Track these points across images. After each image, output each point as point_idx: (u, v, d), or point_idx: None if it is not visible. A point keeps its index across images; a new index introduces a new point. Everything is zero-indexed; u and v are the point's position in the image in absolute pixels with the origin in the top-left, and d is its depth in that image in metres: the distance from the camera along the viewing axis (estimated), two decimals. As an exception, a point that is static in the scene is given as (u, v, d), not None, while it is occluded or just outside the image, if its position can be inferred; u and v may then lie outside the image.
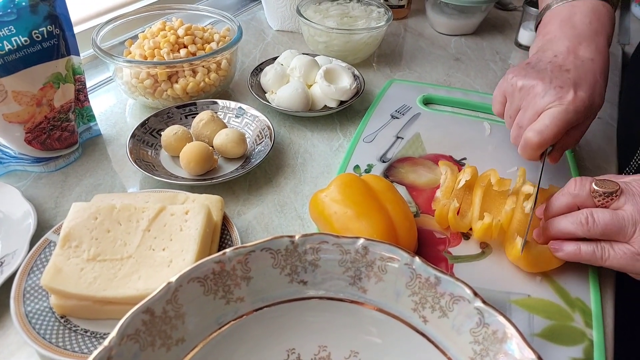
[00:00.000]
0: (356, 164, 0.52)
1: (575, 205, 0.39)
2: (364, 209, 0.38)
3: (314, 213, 0.41)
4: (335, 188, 0.40)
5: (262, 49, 0.79)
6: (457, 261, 0.42)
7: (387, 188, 0.41)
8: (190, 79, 0.58)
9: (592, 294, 0.40)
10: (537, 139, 0.43)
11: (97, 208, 0.38)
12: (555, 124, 0.42)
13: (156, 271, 0.35)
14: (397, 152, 0.54)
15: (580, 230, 0.37)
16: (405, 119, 0.60)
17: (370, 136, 0.56)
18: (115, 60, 0.55)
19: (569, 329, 0.37)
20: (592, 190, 0.37)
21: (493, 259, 0.42)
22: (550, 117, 0.43)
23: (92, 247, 0.36)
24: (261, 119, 0.55)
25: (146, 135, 0.53)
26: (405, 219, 0.39)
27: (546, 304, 0.39)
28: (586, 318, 0.38)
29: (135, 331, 0.28)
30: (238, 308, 0.32)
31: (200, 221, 0.37)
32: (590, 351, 0.36)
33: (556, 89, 0.43)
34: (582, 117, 0.44)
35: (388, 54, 0.78)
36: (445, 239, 0.44)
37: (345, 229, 0.38)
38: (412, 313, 0.32)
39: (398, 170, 0.52)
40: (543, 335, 0.37)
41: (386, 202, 0.40)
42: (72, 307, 0.35)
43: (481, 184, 0.45)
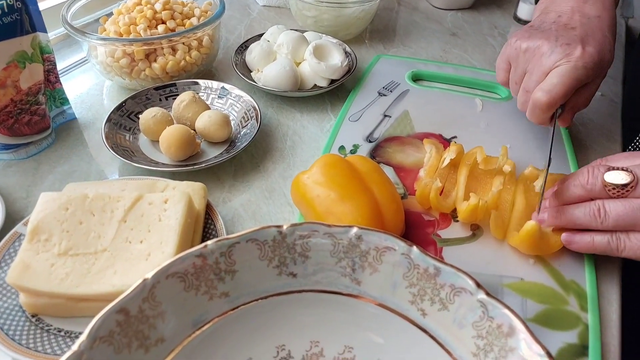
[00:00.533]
0: (341, 145, 0.50)
1: (588, 197, 0.37)
2: (348, 192, 0.36)
3: (295, 197, 0.39)
4: (317, 170, 0.38)
5: (247, 25, 0.75)
6: (447, 244, 0.40)
7: (372, 169, 0.39)
8: (170, 57, 0.54)
9: (588, 276, 0.38)
10: (545, 99, 0.41)
11: (68, 198, 0.35)
12: (564, 82, 0.40)
13: (133, 265, 0.32)
14: (384, 132, 0.52)
15: (593, 223, 0.35)
16: (393, 96, 0.57)
17: (356, 115, 0.54)
18: (87, 38, 0.51)
19: (563, 313, 0.36)
20: (605, 183, 0.35)
21: (484, 241, 0.41)
22: (559, 75, 0.41)
23: (63, 240, 0.33)
24: (246, 99, 0.52)
25: (123, 119, 0.49)
26: (391, 201, 0.37)
27: (540, 287, 0.37)
28: (581, 301, 0.36)
29: (108, 333, 0.26)
30: (222, 304, 0.30)
31: (181, 210, 0.35)
32: (586, 335, 0.34)
33: (563, 47, 0.41)
34: (591, 74, 0.41)
35: (381, 30, 0.75)
36: (434, 221, 0.42)
37: (329, 212, 0.36)
38: (409, 306, 0.30)
39: (385, 150, 0.49)
40: (536, 320, 0.35)
41: (372, 184, 0.38)
42: (44, 305, 0.32)
43: (467, 163, 0.44)
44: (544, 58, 0.42)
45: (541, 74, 0.42)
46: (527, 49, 0.43)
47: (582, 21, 0.43)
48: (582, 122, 0.55)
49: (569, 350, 0.34)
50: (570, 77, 0.40)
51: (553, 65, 0.41)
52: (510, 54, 0.46)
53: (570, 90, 0.41)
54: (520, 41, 0.44)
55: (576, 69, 0.40)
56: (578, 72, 0.40)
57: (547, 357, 0.25)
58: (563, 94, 0.41)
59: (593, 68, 0.41)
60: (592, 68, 0.41)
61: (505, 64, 0.47)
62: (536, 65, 0.42)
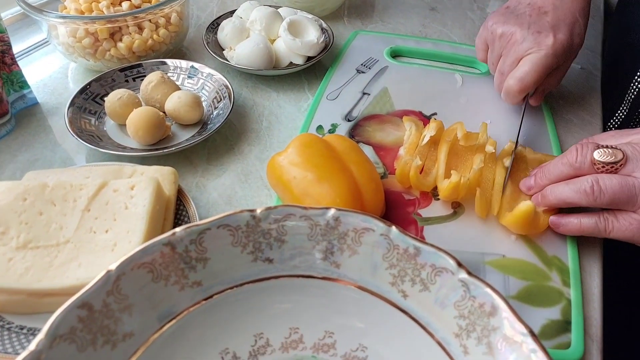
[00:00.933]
0: (319, 124, 0.48)
1: (575, 175, 0.36)
2: (325, 172, 0.35)
3: (272, 179, 0.38)
4: (293, 150, 0.36)
5: (219, 1, 0.72)
6: (428, 223, 0.39)
7: (350, 148, 0.38)
8: (136, 36, 0.51)
9: (570, 251, 0.38)
10: (517, 87, 0.44)
11: (25, 187, 0.33)
12: (535, 69, 0.43)
13: (98, 257, 0.31)
14: (363, 110, 0.50)
15: (585, 200, 0.34)
16: (372, 73, 0.55)
17: (334, 93, 0.52)
18: (45, 16, 0.48)
19: (545, 289, 0.35)
20: (595, 161, 0.34)
21: (465, 219, 0.40)
22: (530, 63, 0.44)
23: (22, 233, 0.31)
24: (217, 78, 0.49)
25: (88, 103, 0.47)
26: (370, 180, 0.36)
27: (522, 264, 0.37)
28: (564, 277, 0.36)
29: (70, 330, 0.24)
30: (195, 293, 0.28)
31: (148, 197, 0.33)
32: (568, 311, 0.34)
33: (534, 35, 0.44)
34: (561, 59, 0.45)
35: (359, 5, 0.72)
36: (414, 200, 0.41)
37: (306, 194, 0.34)
38: (390, 287, 0.29)
39: (364, 129, 0.48)
40: (519, 297, 0.35)
41: (350, 164, 0.36)
42: (3, 302, 0.30)
43: (447, 139, 0.43)
44: (516, 45, 0.45)
45: (514, 60, 0.45)
46: (502, 35, 0.46)
47: (555, 3, 0.45)
48: (561, 95, 0.55)
49: (552, 326, 0.33)
50: (540, 64, 0.43)
51: (525, 52, 0.44)
52: (487, 37, 0.48)
53: (541, 77, 0.44)
54: (496, 25, 0.47)
55: (546, 57, 0.43)
56: (548, 60, 0.43)
57: (530, 335, 0.24)
58: (534, 81, 0.44)
59: (563, 54, 0.44)
60: (561, 54, 0.44)
61: (483, 45, 0.50)
62: (510, 51, 0.45)
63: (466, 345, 0.26)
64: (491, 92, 0.53)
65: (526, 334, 0.24)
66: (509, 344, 0.25)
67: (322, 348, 0.30)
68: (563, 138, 0.49)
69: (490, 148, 0.41)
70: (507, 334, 0.25)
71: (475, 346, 0.26)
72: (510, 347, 0.25)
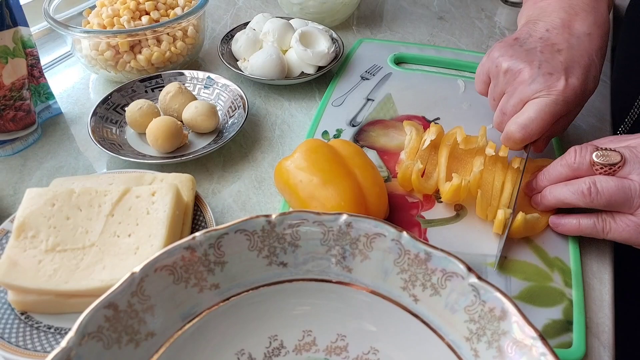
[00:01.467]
0: (325, 130, 0.49)
1: (574, 177, 0.37)
2: (330, 176, 0.36)
3: (279, 183, 0.39)
4: (300, 155, 0.38)
5: (233, 14, 0.74)
6: (431, 225, 0.40)
7: (355, 153, 0.39)
8: (155, 48, 0.53)
9: (572, 252, 0.38)
10: (519, 134, 0.39)
11: (54, 193, 0.34)
12: (542, 117, 0.38)
13: (122, 259, 0.32)
14: (367, 115, 0.51)
15: (582, 201, 0.35)
16: (376, 79, 0.56)
17: (339, 99, 0.53)
18: (70, 31, 0.50)
19: (547, 290, 0.36)
20: (593, 162, 0.35)
21: (468, 221, 0.41)
22: (537, 109, 0.38)
23: (51, 236, 0.33)
24: (233, 89, 0.51)
25: (109, 112, 0.49)
26: (374, 184, 0.37)
27: (524, 265, 0.37)
28: (565, 277, 0.37)
29: (97, 328, 0.25)
30: (213, 296, 0.29)
31: (169, 203, 0.34)
32: (570, 311, 0.35)
33: (545, 76, 0.38)
34: (572, 106, 0.39)
35: (368, 15, 0.74)
36: (417, 202, 0.42)
37: (312, 198, 0.36)
38: (401, 292, 0.29)
39: (369, 134, 0.49)
40: (520, 297, 0.36)
41: (354, 168, 0.38)
42: (33, 303, 0.32)
43: (447, 143, 0.44)
44: (523, 85, 0.39)
45: (519, 101, 0.39)
46: (507, 70, 0.40)
47: (570, 41, 0.39)
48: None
49: (554, 326, 0.34)
50: (548, 112, 0.38)
51: (532, 95, 0.38)
52: (490, 69, 0.43)
53: (547, 126, 0.39)
54: (502, 58, 0.41)
55: (555, 103, 0.38)
56: (557, 107, 0.38)
57: (540, 339, 0.25)
58: (539, 130, 0.38)
59: (574, 100, 0.38)
60: (573, 101, 0.38)
61: (484, 76, 0.44)
62: (516, 90, 0.40)
63: (477, 349, 0.27)
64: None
65: (536, 338, 0.25)
66: (519, 347, 0.26)
67: (335, 351, 0.31)
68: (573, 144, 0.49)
69: (490, 151, 0.42)
70: (517, 338, 0.26)
71: (486, 350, 0.27)
72: (520, 351, 0.25)
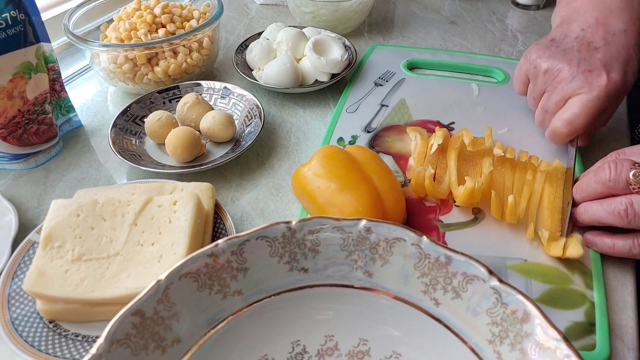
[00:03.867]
0: (340, 137, 0.50)
1: (609, 194, 0.36)
2: (348, 182, 0.36)
3: (297, 190, 0.39)
4: (317, 161, 0.38)
5: (246, 24, 0.75)
6: (449, 229, 0.40)
7: (371, 158, 0.39)
8: (172, 60, 0.55)
9: (592, 254, 0.38)
10: (566, 129, 0.41)
11: (78, 204, 0.35)
12: (586, 112, 0.40)
13: (146, 268, 0.33)
14: (382, 121, 0.52)
15: (619, 222, 0.34)
16: (390, 85, 0.57)
17: (353, 106, 0.54)
18: (89, 45, 0.52)
19: (568, 292, 0.36)
20: (630, 181, 0.34)
21: (486, 224, 0.41)
22: (580, 104, 0.40)
23: (76, 246, 0.34)
24: (249, 98, 0.52)
25: (129, 124, 0.50)
26: (392, 189, 0.38)
27: (543, 267, 0.37)
28: (586, 279, 0.36)
29: (125, 335, 0.26)
30: (236, 302, 0.30)
31: (190, 211, 0.35)
32: (592, 313, 0.34)
33: (585, 73, 0.40)
34: (614, 101, 0.41)
35: (379, 22, 0.75)
36: (435, 207, 0.42)
37: (330, 204, 0.36)
38: (422, 296, 0.30)
39: (384, 139, 0.49)
40: (541, 300, 0.35)
41: (371, 173, 0.38)
42: (60, 311, 0.33)
43: (454, 146, 0.44)
44: (564, 83, 0.41)
45: (561, 99, 0.41)
46: (547, 71, 0.42)
47: (607, 39, 0.41)
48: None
49: (576, 328, 0.34)
50: (592, 106, 0.40)
51: (574, 92, 0.40)
52: (529, 70, 0.44)
53: (591, 120, 0.40)
54: (540, 60, 0.43)
55: (598, 99, 0.39)
56: (600, 102, 0.39)
57: (564, 341, 0.25)
58: (584, 125, 0.40)
59: (616, 95, 0.40)
60: (614, 95, 0.40)
61: (523, 77, 0.46)
62: (557, 89, 0.42)
63: (500, 351, 0.27)
64: (507, 101, 0.53)
65: (560, 340, 0.25)
66: (542, 349, 0.25)
67: (357, 355, 0.31)
68: (588, 145, 0.49)
69: (498, 151, 0.42)
70: (540, 340, 0.25)
71: (509, 352, 0.27)
72: (544, 353, 0.25)
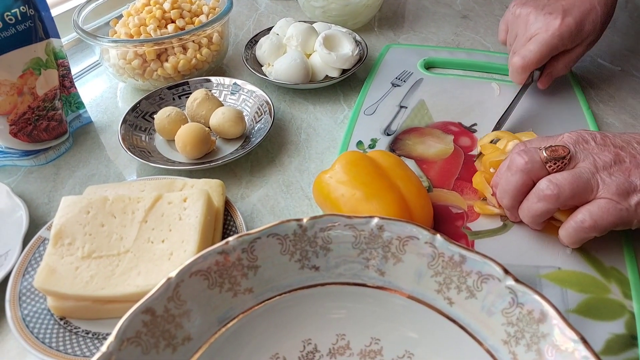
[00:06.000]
0: (359, 140, 0.48)
1: (530, 181, 0.35)
2: (373, 189, 0.35)
3: (319, 197, 0.38)
4: (340, 168, 0.37)
5: (255, 19, 0.74)
6: (478, 237, 0.39)
7: (396, 164, 0.38)
8: (181, 56, 0.54)
9: (628, 261, 0.36)
10: (520, 63, 0.47)
11: (88, 201, 0.35)
12: (539, 49, 0.46)
13: (156, 265, 0.33)
14: (401, 123, 0.50)
15: (551, 203, 0.34)
16: (407, 86, 0.56)
17: (371, 108, 0.53)
18: (98, 41, 0.51)
19: (606, 302, 0.34)
20: (545, 159, 0.34)
21: (516, 231, 0.39)
22: (535, 42, 0.46)
23: (86, 243, 0.34)
24: (258, 94, 0.51)
25: (138, 120, 0.50)
26: (419, 196, 0.36)
27: (579, 276, 0.36)
28: (624, 288, 0.35)
29: (135, 333, 0.26)
30: (247, 300, 0.30)
31: (200, 208, 0.35)
32: (633, 324, 0.33)
33: (545, 16, 0.46)
34: (568, 43, 0.46)
35: (390, 17, 0.74)
36: (462, 213, 0.41)
37: (355, 212, 0.35)
38: (436, 295, 0.29)
39: (404, 142, 0.48)
40: (579, 310, 0.34)
41: (397, 179, 0.37)
42: (71, 308, 0.33)
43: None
44: (528, 25, 0.47)
45: (525, 40, 0.48)
46: (519, 15, 0.49)
47: None
48: (602, 99, 0.54)
49: (617, 341, 0.32)
50: (545, 44, 0.46)
51: (534, 32, 0.47)
52: (507, 18, 0.52)
53: (544, 57, 0.46)
54: (516, 7, 0.50)
55: (552, 37, 0.45)
56: (554, 41, 0.45)
57: (582, 342, 0.24)
58: (537, 60, 0.46)
59: (569, 37, 0.46)
60: (567, 37, 0.46)
61: (504, 26, 0.53)
62: (523, 31, 0.48)
63: (515, 352, 0.26)
64: (531, 101, 0.52)
65: (577, 341, 0.24)
66: (560, 351, 0.25)
67: (369, 354, 0.30)
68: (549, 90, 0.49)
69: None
70: (557, 341, 0.25)
71: (525, 353, 0.26)
72: (561, 355, 0.25)
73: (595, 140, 0.35)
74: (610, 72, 0.57)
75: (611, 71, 0.58)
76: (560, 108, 0.51)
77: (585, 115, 0.50)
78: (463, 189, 0.43)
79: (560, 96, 0.53)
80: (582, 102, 0.52)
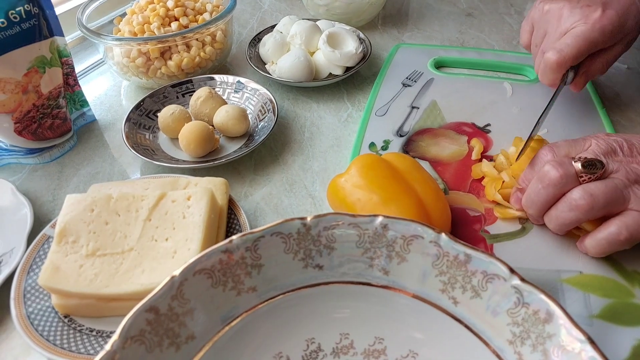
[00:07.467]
0: (371, 142, 0.47)
1: (561, 194, 0.34)
2: (390, 193, 0.34)
3: (334, 201, 0.37)
4: (355, 172, 0.36)
5: (259, 17, 0.74)
6: (497, 240, 0.38)
7: (412, 166, 0.37)
8: (185, 54, 0.54)
9: None
10: (555, 57, 0.40)
11: (92, 199, 0.35)
12: (577, 42, 0.40)
13: (160, 263, 0.33)
14: (414, 124, 0.49)
15: (583, 213, 0.33)
16: (418, 86, 0.55)
17: (382, 109, 0.52)
18: (103, 39, 0.51)
19: (630, 307, 0.33)
20: (580, 173, 0.33)
21: (535, 234, 0.38)
22: (573, 35, 0.40)
23: (91, 241, 0.34)
24: (262, 92, 0.51)
25: (142, 118, 0.50)
26: (437, 199, 0.35)
27: (601, 280, 0.35)
28: None
29: (139, 332, 0.26)
30: (251, 299, 0.29)
31: (204, 207, 0.35)
32: None
33: (583, 8, 0.41)
34: (608, 39, 0.41)
35: (394, 14, 0.73)
36: (480, 216, 0.40)
37: None
38: (440, 294, 0.29)
39: (418, 144, 0.47)
40: (602, 316, 0.33)
41: (414, 183, 0.36)
42: (75, 306, 0.33)
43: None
44: (562, 19, 0.42)
45: (558, 35, 0.41)
46: (549, 11, 0.43)
47: None
48: (608, 97, 0.53)
49: None
50: (584, 38, 0.40)
51: (570, 26, 0.41)
52: (534, 16, 0.46)
53: (582, 52, 0.40)
54: (543, 3, 0.44)
55: (592, 30, 0.39)
56: (594, 34, 0.40)
57: (589, 342, 0.24)
58: (574, 55, 0.40)
59: (611, 32, 0.40)
60: (609, 32, 0.40)
61: (529, 26, 0.47)
62: (555, 27, 0.42)
63: (520, 352, 0.26)
64: (543, 100, 0.51)
65: (584, 341, 0.24)
66: (566, 351, 0.25)
67: (373, 354, 0.30)
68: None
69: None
70: (563, 341, 0.25)
71: (530, 353, 0.26)
72: (567, 355, 0.25)
73: (623, 149, 0.34)
74: (617, 69, 0.56)
75: (617, 69, 0.58)
76: (573, 107, 0.50)
77: (600, 115, 0.49)
78: (479, 191, 0.42)
79: (573, 95, 0.52)
80: (595, 101, 0.51)
